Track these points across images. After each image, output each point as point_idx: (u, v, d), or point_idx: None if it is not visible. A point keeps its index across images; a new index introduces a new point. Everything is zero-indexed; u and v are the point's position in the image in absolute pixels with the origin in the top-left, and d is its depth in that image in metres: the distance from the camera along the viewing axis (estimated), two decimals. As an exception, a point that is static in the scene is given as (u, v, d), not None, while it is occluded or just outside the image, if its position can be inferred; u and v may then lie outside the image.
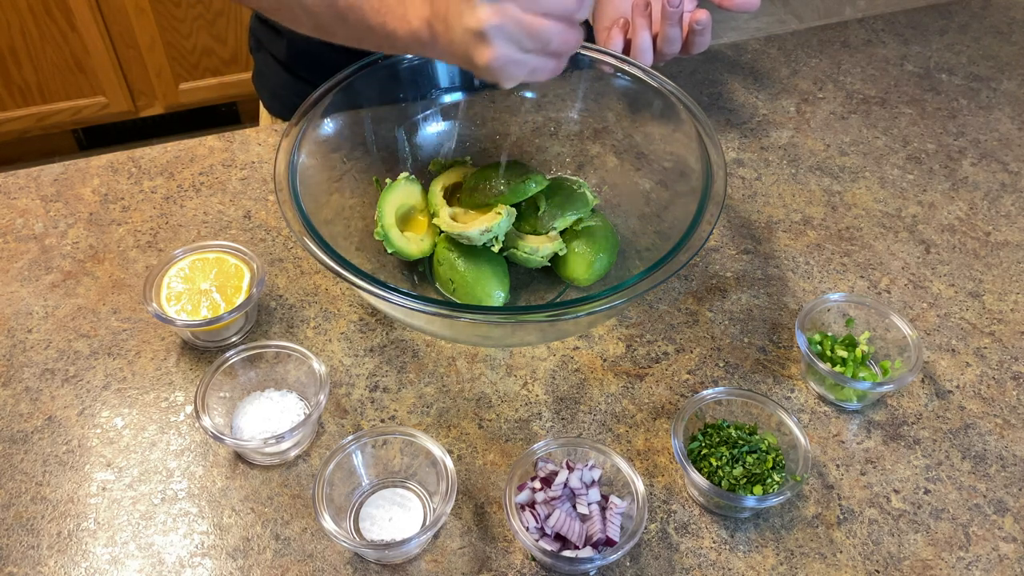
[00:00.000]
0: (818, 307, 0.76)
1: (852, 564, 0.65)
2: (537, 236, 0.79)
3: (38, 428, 0.71)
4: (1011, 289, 0.84)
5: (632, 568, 0.64)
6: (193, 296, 0.75)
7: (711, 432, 0.68)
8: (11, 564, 0.64)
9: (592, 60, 0.82)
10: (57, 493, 0.68)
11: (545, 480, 0.65)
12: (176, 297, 0.75)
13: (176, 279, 0.76)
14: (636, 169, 0.85)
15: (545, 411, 0.73)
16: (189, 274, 0.76)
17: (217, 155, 0.94)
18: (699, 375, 0.76)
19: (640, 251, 0.81)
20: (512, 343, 0.78)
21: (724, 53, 1.10)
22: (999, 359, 0.78)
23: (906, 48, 1.12)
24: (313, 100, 0.77)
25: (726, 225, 0.89)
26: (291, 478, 0.69)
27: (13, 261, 0.83)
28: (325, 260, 0.65)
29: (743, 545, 0.66)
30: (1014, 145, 0.99)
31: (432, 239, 0.79)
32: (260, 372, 0.72)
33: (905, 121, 1.02)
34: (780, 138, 0.99)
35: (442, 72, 0.85)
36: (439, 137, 0.87)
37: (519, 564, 0.64)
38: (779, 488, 0.65)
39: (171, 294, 0.75)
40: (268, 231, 0.87)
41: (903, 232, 0.89)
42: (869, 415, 0.74)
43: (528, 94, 0.88)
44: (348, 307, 0.80)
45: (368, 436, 0.66)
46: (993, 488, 0.70)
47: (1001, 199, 0.93)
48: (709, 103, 1.03)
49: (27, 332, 0.78)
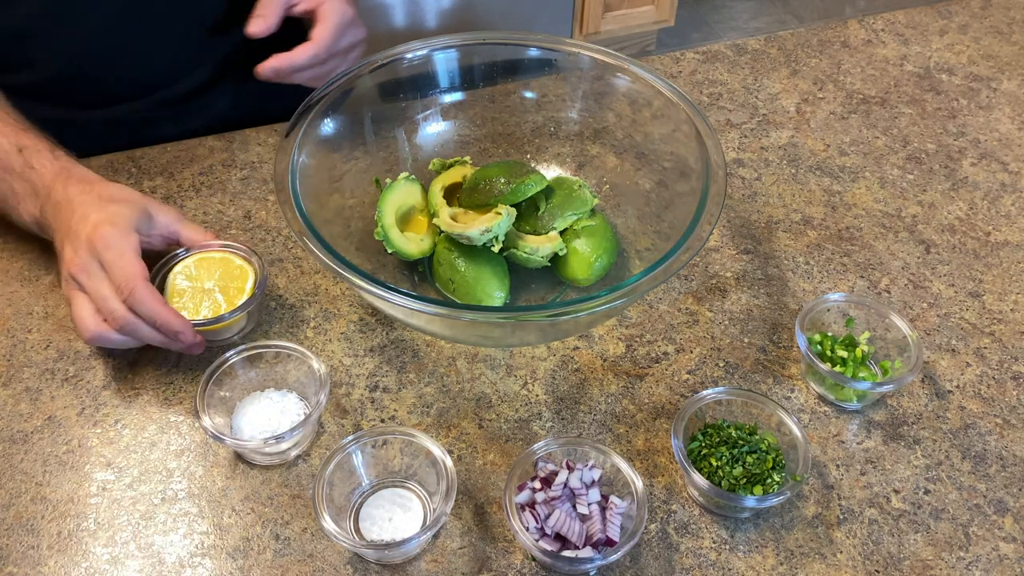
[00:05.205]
0: (818, 307, 0.76)
1: (852, 564, 0.65)
2: (537, 236, 0.79)
3: (38, 428, 0.71)
4: (1011, 289, 0.84)
5: (632, 568, 0.64)
6: (196, 295, 0.75)
7: (711, 432, 0.68)
8: (11, 564, 0.64)
9: (592, 60, 0.83)
10: (57, 493, 0.68)
11: (545, 480, 0.65)
12: (179, 294, 0.75)
13: (181, 277, 0.76)
14: (636, 169, 0.85)
15: (545, 411, 0.73)
16: (194, 273, 0.76)
17: (217, 155, 0.94)
18: (699, 375, 0.76)
19: (640, 251, 0.81)
20: (512, 343, 0.78)
21: (724, 53, 1.10)
22: (999, 359, 0.78)
23: (906, 48, 1.12)
24: (313, 100, 0.77)
25: (726, 225, 0.89)
26: (291, 478, 0.69)
27: (13, 261, 0.83)
28: (325, 260, 0.65)
29: (743, 545, 0.66)
30: (1014, 145, 0.99)
31: (432, 239, 0.79)
32: (260, 372, 0.72)
33: (905, 121, 1.02)
34: (780, 138, 0.99)
35: (442, 72, 0.86)
36: (439, 137, 0.87)
37: (519, 564, 0.64)
38: (779, 488, 0.65)
39: (175, 291, 0.75)
40: (268, 231, 0.87)
41: (903, 232, 0.89)
42: (869, 415, 0.74)
43: (528, 94, 0.88)
44: (348, 307, 0.80)
45: (368, 436, 0.66)
46: (993, 488, 0.70)
47: (1001, 199, 0.93)
48: (709, 103, 1.03)
49: (27, 332, 0.78)
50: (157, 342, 0.70)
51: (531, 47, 0.85)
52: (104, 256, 0.69)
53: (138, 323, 0.69)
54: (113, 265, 0.69)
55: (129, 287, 0.68)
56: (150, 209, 0.74)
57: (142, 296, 0.68)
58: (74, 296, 0.70)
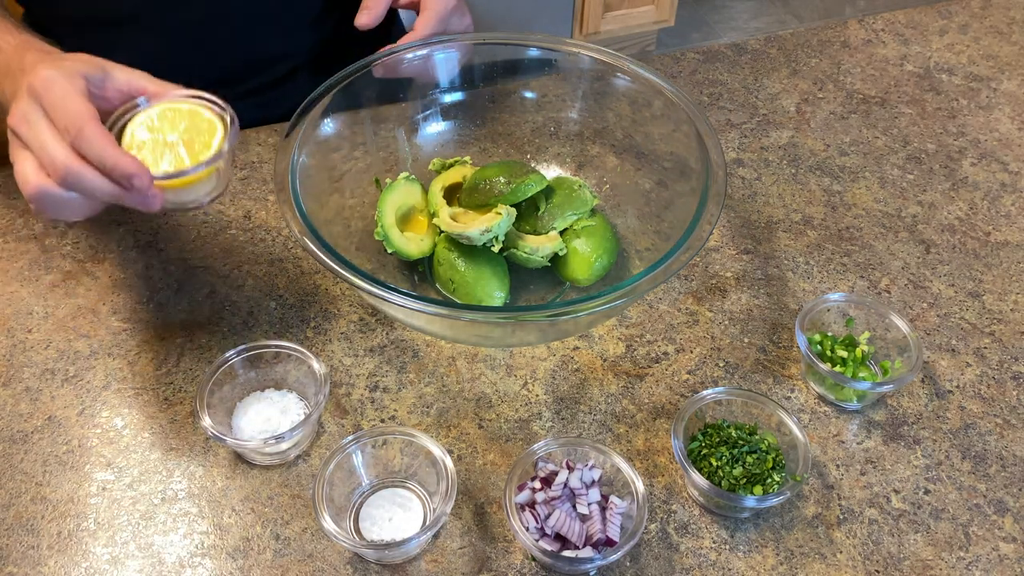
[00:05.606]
0: (818, 307, 0.76)
1: (852, 564, 0.65)
2: (537, 236, 0.79)
3: (38, 428, 0.71)
4: (1011, 289, 0.84)
5: (632, 568, 0.64)
6: (157, 148, 0.65)
7: (711, 432, 0.68)
8: (11, 564, 0.64)
9: (592, 60, 0.83)
10: (57, 493, 0.68)
11: (545, 480, 0.65)
12: (138, 147, 0.65)
13: (141, 128, 0.65)
14: (636, 169, 0.85)
15: (545, 411, 0.73)
16: (157, 124, 0.66)
17: (217, 155, 0.94)
18: (699, 375, 0.76)
19: (640, 251, 0.81)
20: (512, 343, 0.78)
21: (724, 53, 1.10)
22: (999, 359, 0.78)
23: (906, 48, 1.12)
24: (313, 100, 0.77)
25: (726, 225, 0.89)
26: (291, 478, 0.69)
27: (13, 261, 0.83)
28: (325, 260, 0.65)
29: (743, 545, 0.66)
30: (1014, 145, 0.99)
31: (432, 239, 0.79)
32: (260, 372, 0.72)
33: (905, 121, 1.02)
34: (780, 138, 0.99)
35: (442, 72, 0.86)
36: (439, 137, 0.87)
37: (519, 564, 0.64)
38: (779, 488, 0.65)
39: (133, 142, 0.65)
40: (268, 231, 0.87)
41: (903, 232, 0.89)
42: (869, 415, 0.74)
43: (528, 94, 0.88)
44: (348, 307, 0.80)
45: (368, 436, 0.66)
46: (993, 488, 0.70)
47: (1001, 199, 0.93)
48: (709, 103, 1.03)
49: (27, 332, 0.78)
50: (107, 195, 0.60)
51: (531, 47, 0.85)
52: (45, 99, 0.60)
53: (83, 169, 0.58)
54: (56, 107, 0.60)
55: (76, 126, 0.59)
56: (108, 66, 0.65)
57: (90, 135, 0.58)
58: (17, 154, 0.61)
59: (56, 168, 0.58)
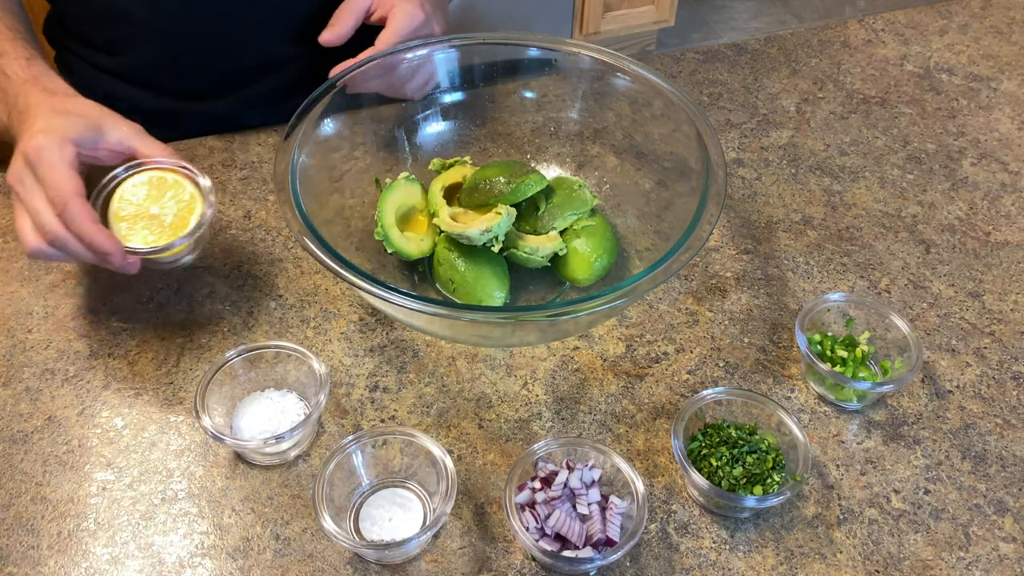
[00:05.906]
0: (818, 307, 0.76)
1: (852, 564, 0.65)
2: (537, 236, 0.79)
3: (38, 428, 0.71)
4: (1011, 289, 0.84)
5: (632, 568, 0.64)
6: (138, 219, 0.71)
7: (711, 432, 0.68)
8: (11, 564, 0.64)
9: (592, 60, 0.83)
10: (57, 493, 0.68)
11: (545, 480, 0.65)
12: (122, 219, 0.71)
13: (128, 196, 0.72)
14: (636, 169, 0.85)
15: (545, 411, 0.73)
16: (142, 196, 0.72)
17: (217, 155, 0.94)
18: (699, 375, 0.76)
19: (640, 251, 0.81)
20: (512, 343, 0.78)
21: (724, 53, 1.10)
22: (999, 359, 0.78)
23: (906, 48, 1.12)
24: (313, 100, 0.77)
25: (726, 225, 0.89)
26: (291, 478, 0.69)
27: (13, 261, 0.83)
28: (325, 260, 0.65)
29: (743, 545, 0.66)
30: (1014, 145, 0.99)
31: (432, 239, 0.79)
32: (260, 372, 0.72)
33: (905, 121, 1.02)
34: (780, 138, 0.99)
35: (442, 72, 0.86)
36: (439, 137, 0.87)
37: (519, 564, 0.64)
38: (779, 488, 0.65)
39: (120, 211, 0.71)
40: (268, 231, 0.87)
41: (903, 232, 0.89)
42: (869, 415, 0.74)
43: (528, 94, 0.88)
44: (348, 307, 0.80)
45: (368, 436, 0.66)
46: (993, 488, 0.70)
47: (1001, 199, 0.93)
48: (709, 103, 1.03)
49: (27, 332, 0.78)
50: (89, 260, 0.68)
51: (531, 47, 0.85)
52: (37, 169, 0.67)
53: (68, 239, 0.66)
54: (45, 178, 0.67)
55: (62, 202, 0.66)
56: (103, 123, 0.71)
57: (73, 213, 0.66)
58: (16, 207, 0.69)
59: (46, 233, 0.67)
